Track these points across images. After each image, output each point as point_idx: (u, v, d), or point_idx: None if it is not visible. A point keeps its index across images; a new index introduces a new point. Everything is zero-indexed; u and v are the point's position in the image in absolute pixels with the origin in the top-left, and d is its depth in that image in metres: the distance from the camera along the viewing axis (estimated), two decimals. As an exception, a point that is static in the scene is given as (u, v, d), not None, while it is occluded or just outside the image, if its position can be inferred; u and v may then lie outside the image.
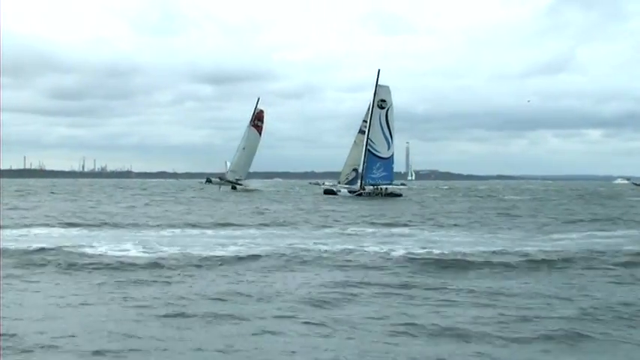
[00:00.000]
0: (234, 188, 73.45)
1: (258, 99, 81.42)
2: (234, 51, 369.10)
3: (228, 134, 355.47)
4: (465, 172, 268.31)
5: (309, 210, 38.63)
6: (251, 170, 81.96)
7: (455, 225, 27.86)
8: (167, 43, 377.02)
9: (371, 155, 60.28)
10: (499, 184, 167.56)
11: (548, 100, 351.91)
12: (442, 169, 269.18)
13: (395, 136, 60.73)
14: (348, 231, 24.33)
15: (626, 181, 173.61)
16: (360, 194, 58.65)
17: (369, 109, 60.89)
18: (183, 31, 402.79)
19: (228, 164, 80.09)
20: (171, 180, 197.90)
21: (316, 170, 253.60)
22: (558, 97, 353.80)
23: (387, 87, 61.18)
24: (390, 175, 61.13)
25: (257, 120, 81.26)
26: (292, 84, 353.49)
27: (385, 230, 24.95)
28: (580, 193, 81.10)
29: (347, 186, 61.32)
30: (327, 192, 61.93)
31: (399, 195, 60.17)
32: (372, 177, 60.27)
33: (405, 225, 27.61)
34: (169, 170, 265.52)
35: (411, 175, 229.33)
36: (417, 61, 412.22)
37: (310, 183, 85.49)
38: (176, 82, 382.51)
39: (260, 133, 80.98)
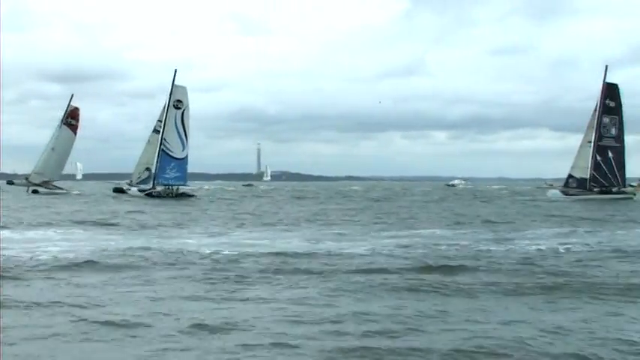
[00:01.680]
0: (35, 192, 69.04)
1: (72, 96, 77.11)
2: (84, 49, 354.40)
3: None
4: (315, 173, 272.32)
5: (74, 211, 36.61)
6: (99, 172, 77.90)
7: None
8: (13, 40, 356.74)
9: (165, 155, 59.38)
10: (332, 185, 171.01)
11: (399, 102, 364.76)
12: (293, 171, 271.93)
13: (242, 136, 60.23)
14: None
15: (462, 182, 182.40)
16: (151, 194, 57.69)
17: (164, 108, 60.08)
18: (31, 28, 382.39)
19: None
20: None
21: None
22: (409, 99, 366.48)
23: (184, 87, 60.56)
24: (184, 176, 60.49)
25: (70, 118, 77.36)
26: (145, 84, 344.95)
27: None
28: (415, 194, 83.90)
29: (138, 185, 60.09)
30: (117, 190, 60.65)
31: (192, 196, 60.02)
32: (165, 177, 59.36)
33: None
34: (9, 172, 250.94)
35: (267, 176, 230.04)
36: (273, 62, 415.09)
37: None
38: (21, 80, 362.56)
39: (75, 133, 77.52)
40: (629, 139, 61.28)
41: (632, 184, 62.64)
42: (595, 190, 57.92)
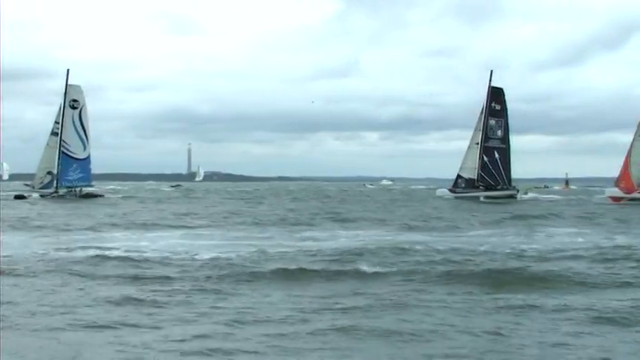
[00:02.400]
0: None
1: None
2: (11, 48, 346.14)
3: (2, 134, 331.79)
4: (247, 174, 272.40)
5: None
6: (26, 172, 75.28)
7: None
8: None
9: (66, 157, 59.56)
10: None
11: (332, 103, 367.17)
12: (225, 171, 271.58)
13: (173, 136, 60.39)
14: None
15: (390, 182, 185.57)
16: (54, 197, 57.66)
17: (59, 109, 60.24)
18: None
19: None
20: None
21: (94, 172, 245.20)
22: (341, 100, 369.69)
23: (79, 86, 60.80)
24: (88, 177, 60.77)
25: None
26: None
27: None
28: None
29: (40, 190, 59.42)
30: (18, 197, 59.15)
31: (99, 196, 60.37)
32: (67, 179, 59.50)
33: None
34: None
35: (199, 176, 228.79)
36: (205, 62, 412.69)
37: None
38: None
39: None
40: (562, 139, 64.39)
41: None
42: (481, 187, 61.20)
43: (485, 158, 61.76)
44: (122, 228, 27.88)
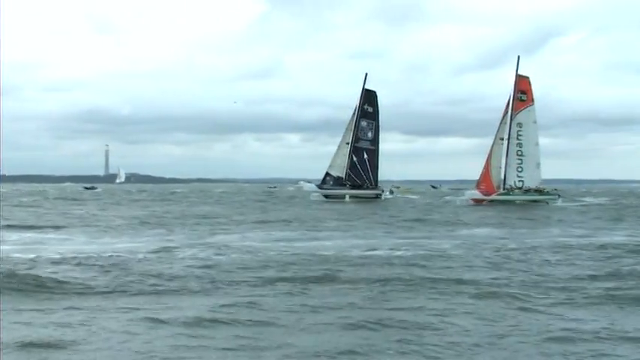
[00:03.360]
0: None
1: None
2: None
3: None
4: (167, 176, 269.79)
5: None
6: None
7: None
8: None
9: None
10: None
11: (254, 104, 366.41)
12: (143, 172, 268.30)
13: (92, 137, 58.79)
14: None
15: (308, 184, 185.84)
16: None
17: None
18: None
19: None
20: None
21: (7, 173, 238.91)
22: (263, 102, 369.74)
23: None
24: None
25: None
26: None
27: None
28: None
29: None
30: None
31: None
32: None
33: None
34: None
35: (120, 178, 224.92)
36: (127, 63, 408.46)
37: None
38: None
39: None
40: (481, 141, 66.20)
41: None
42: (347, 186, 62.69)
43: (355, 158, 63.27)
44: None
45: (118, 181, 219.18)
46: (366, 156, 63.57)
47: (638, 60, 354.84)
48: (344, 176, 62.94)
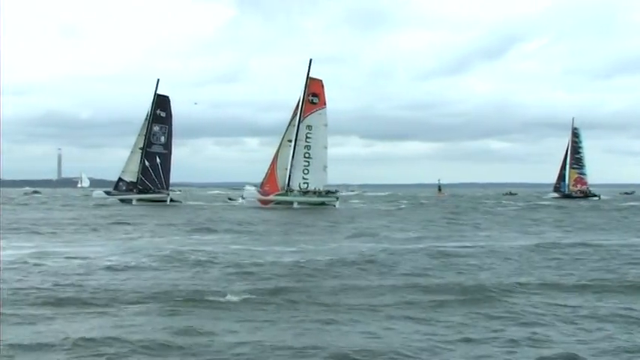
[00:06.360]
0: None
1: None
2: None
3: None
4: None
5: None
6: None
7: None
8: None
9: None
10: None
11: (215, 108, 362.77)
12: (98, 177, 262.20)
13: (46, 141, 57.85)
14: None
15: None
16: None
17: None
18: None
19: None
20: None
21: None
22: (225, 105, 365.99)
23: None
24: None
25: None
26: None
27: None
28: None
29: None
30: None
31: None
32: None
33: None
34: None
35: (82, 182, 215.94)
36: (90, 66, 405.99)
37: None
38: None
39: None
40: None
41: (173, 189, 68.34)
42: (135, 190, 62.90)
43: (147, 163, 63.49)
44: None
45: (79, 185, 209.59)
46: (158, 160, 63.82)
47: (596, 66, 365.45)
48: (136, 181, 63.09)
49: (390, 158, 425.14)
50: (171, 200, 62.47)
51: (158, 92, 64.50)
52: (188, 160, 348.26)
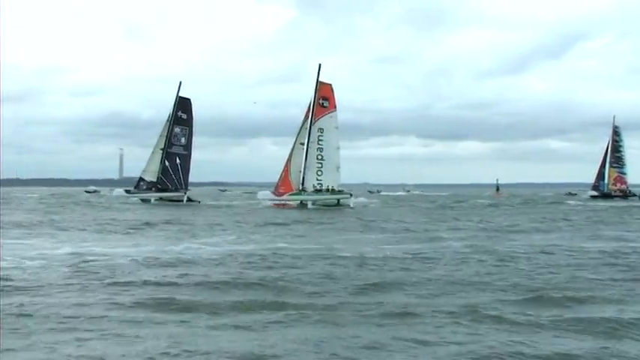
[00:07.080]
0: None
1: None
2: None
3: None
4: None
5: None
6: None
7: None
8: None
9: None
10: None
11: (273, 108, 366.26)
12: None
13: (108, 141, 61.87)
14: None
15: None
16: None
17: None
18: None
19: None
20: None
21: (22, 177, 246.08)
22: (283, 105, 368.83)
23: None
24: None
25: None
26: (15, 87, 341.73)
27: None
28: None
29: None
30: None
31: None
32: None
33: None
34: None
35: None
36: (151, 67, 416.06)
37: None
38: None
39: None
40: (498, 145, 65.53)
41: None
42: (153, 190, 65.37)
43: (167, 163, 65.84)
44: None
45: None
46: (178, 161, 66.09)
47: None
48: (156, 180, 65.54)
49: (447, 158, 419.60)
50: (188, 200, 64.47)
51: (180, 94, 66.69)
52: (246, 160, 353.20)
